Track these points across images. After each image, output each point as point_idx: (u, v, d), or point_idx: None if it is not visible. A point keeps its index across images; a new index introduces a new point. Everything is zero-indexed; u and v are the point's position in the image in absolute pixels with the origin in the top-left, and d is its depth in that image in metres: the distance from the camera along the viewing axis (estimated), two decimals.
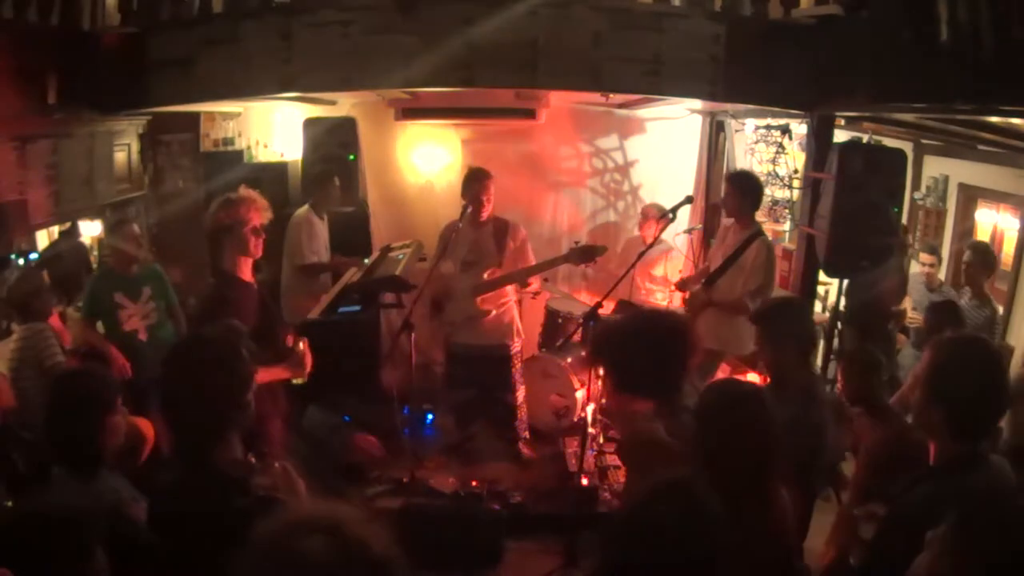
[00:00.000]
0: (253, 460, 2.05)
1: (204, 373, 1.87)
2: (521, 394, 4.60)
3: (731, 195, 4.48)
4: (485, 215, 4.37)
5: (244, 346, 2.00)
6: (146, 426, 3.43)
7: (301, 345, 3.24)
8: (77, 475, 2.06)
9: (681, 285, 4.87)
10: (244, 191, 3.20)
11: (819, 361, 5.88)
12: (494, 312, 4.46)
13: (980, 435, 1.81)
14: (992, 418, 1.82)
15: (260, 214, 3.15)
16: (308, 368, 3.23)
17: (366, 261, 5.09)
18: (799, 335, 2.70)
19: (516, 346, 4.57)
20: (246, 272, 3.19)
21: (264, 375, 3.04)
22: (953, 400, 1.78)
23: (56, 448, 2.12)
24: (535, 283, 4.57)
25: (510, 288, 4.51)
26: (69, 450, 2.08)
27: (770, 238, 4.92)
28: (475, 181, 4.35)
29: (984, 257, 4.65)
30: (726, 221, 4.68)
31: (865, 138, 5.03)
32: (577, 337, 4.36)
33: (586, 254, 4.24)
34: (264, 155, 6.37)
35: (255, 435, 3.04)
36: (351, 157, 5.76)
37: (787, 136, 4.99)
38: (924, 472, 1.89)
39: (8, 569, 1.41)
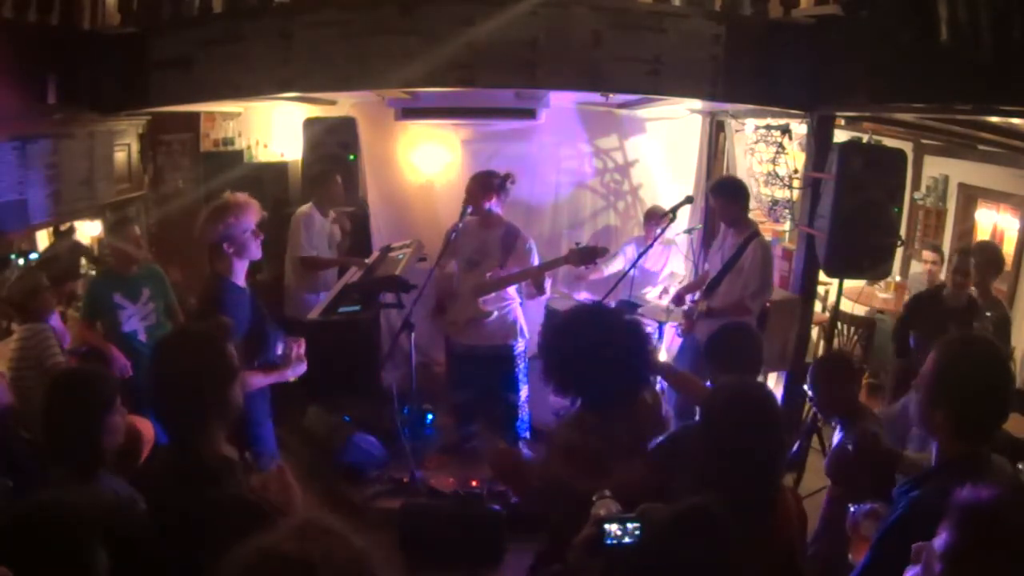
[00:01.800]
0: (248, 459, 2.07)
1: (186, 362, 1.90)
2: (524, 394, 4.61)
3: (722, 205, 4.45)
4: (485, 206, 4.35)
5: (230, 342, 2.02)
6: (146, 426, 3.43)
7: (297, 348, 3.25)
8: (75, 475, 2.05)
9: (677, 300, 4.85)
10: (231, 196, 3.16)
11: None
12: (496, 313, 4.46)
13: (982, 436, 1.80)
14: (995, 420, 1.82)
15: (256, 214, 3.15)
16: (304, 369, 3.24)
17: (366, 261, 5.10)
18: (721, 363, 2.68)
19: (520, 346, 4.58)
20: (240, 276, 3.18)
21: (261, 378, 3.07)
22: (955, 401, 1.77)
23: (54, 448, 2.11)
24: (548, 288, 4.51)
25: (512, 289, 4.51)
26: (67, 450, 2.08)
27: (768, 238, 4.92)
28: (472, 179, 4.36)
29: (992, 257, 4.57)
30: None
31: (865, 138, 5.03)
32: None
33: (586, 255, 4.23)
34: (264, 155, 6.37)
35: (251, 438, 3.07)
36: (351, 157, 5.76)
37: (787, 136, 4.98)
38: (926, 473, 1.89)
39: (8, 568, 1.41)
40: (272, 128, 6.45)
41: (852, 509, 2.28)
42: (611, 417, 2.27)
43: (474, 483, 3.98)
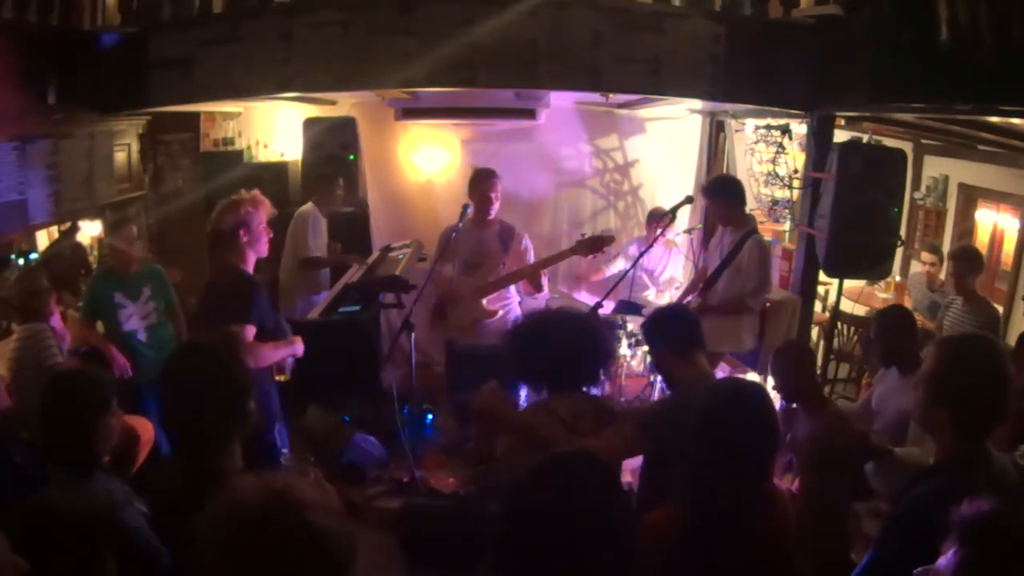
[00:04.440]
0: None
1: (203, 382, 1.84)
2: (524, 393, 4.60)
3: (715, 205, 4.43)
4: (492, 214, 4.35)
5: (242, 352, 1.98)
6: (146, 426, 3.43)
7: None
8: (70, 475, 2.05)
9: (680, 300, 4.81)
10: (246, 192, 3.25)
11: (819, 361, 5.89)
12: (500, 313, 4.46)
13: (983, 433, 1.81)
14: (995, 416, 1.82)
15: (268, 211, 3.25)
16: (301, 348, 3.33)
17: (367, 261, 5.10)
18: (667, 338, 2.68)
19: None
20: (250, 270, 3.23)
21: (272, 351, 3.11)
22: (956, 398, 1.78)
23: (50, 448, 2.11)
24: (545, 285, 4.53)
25: (513, 289, 4.51)
26: (63, 450, 2.07)
27: (768, 238, 4.90)
28: (481, 180, 4.35)
29: (968, 260, 4.45)
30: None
31: (865, 138, 5.02)
32: None
33: (594, 245, 4.22)
34: (264, 155, 6.37)
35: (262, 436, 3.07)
36: (351, 157, 5.77)
37: (787, 136, 4.99)
38: (927, 470, 1.90)
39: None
40: (272, 128, 6.45)
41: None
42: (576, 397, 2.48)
43: None
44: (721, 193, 4.39)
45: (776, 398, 2.96)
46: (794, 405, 3.10)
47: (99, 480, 2.10)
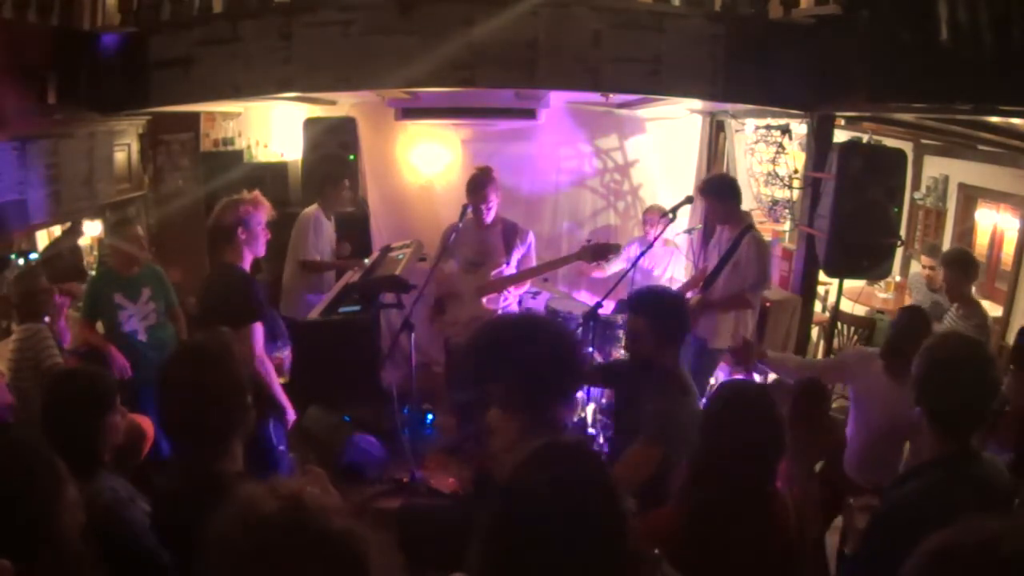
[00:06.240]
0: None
1: (199, 382, 1.82)
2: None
3: (711, 204, 4.44)
4: (489, 219, 4.38)
5: (236, 351, 1.96)
6: (146, 424, 3.43)
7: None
8: (74, 474, 2.05)
9: None
10: (248, 192, 3.31)
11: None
12: (499, 312, 4.47)
13: (963, 434, 1.83)
14: (973, 418, 1.84)
15: (267, 212, 3.30)
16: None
17: (366, 261, 5.10)
18: (655, 325, 2.63)
19: None
20: (247, 268, 3.25)
21: (274, 379, 3.14)
22: (935, 400, 1.82)
23: (53, 447, 2.11)
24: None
25: (513, 288, 4.52)
26: (66, 449, 2.07)
27: (768, 238, 4.90)
28: (475, 191, 4.34)
29: (962, 267, 4.32)
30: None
31: (865, 138, 5.02)
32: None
33: (599, 252, 4.24)
34: (264, 155, 6.37)
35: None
36: (351, 157, 5.77)
37: (787, 136, 4.98)
38: (914, 468, 1.92)
39: None
40: (272, 128, 6.45)
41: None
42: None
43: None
44: (717, 192, 4.40)
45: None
46: None
47: (103, 478, 2.10)
